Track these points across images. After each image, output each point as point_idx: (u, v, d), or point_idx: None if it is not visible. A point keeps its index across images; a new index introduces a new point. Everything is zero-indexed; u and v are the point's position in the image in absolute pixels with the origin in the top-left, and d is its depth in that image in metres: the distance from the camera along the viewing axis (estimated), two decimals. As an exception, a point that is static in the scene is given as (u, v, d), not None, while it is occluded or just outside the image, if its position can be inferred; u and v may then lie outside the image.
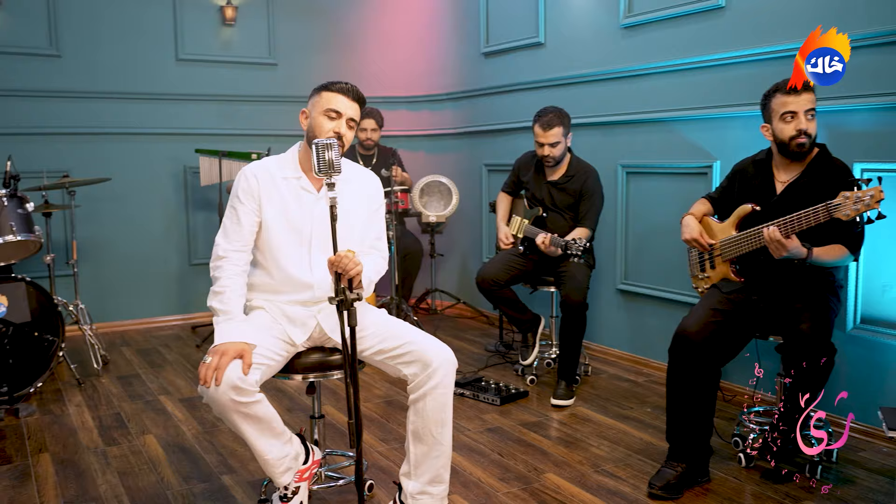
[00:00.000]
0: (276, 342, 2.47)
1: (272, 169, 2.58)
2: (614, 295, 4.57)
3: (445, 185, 5.41)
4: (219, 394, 2.22)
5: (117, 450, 3.31)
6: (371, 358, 2.56)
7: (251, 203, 2.53)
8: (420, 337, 2.52)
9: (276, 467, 2.42)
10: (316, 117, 2.54)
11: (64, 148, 5.30)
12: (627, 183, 4.42)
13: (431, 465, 2.49)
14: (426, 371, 2.43)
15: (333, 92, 2.53)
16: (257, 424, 2.33)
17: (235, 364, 2.26)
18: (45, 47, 5.24)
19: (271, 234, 2.55)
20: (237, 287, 2.48)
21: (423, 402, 2.45)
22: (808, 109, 2.78)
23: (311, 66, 6.04)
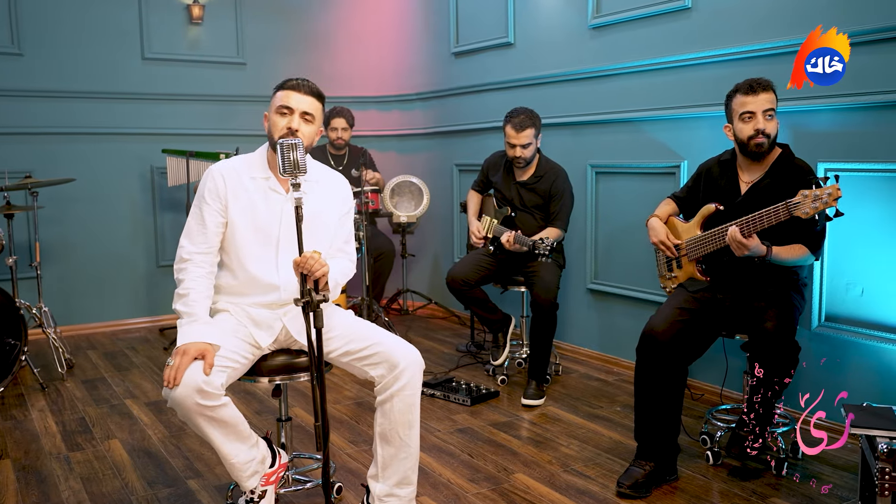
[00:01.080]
0: (241, 344, 2.44)
1: (240, 168, 2.54)
2: (584, 294, 4.58)
3: (416, 185, 5.40)
4: (183, 397, 2.18)
5: (81, 455, 3.25)
6: (338, 360, 2.53)
7: (216, 203, 2.49)
8: (387, 338, 2.50)
9: (243, 471, 2.38)
10: (271, 117, 2.52)
11: (27, 148, 5.20)
12: (597, 183, 4.44)
13: (399, 467, 2.48)
14: (393, 372, 2.41)
15: (285, 90, 2.51)
16: (223, 428, 2.29)
17: (197, 366, 2.23)
18: (7, 45, 5.14)
19: (237, 234, 2.51)
20: (202, 289, 2.44)
21: (390, 403, 2.43)
22: (767, 109, 2.81)
23: (280, 66, 5.98)
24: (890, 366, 3.08)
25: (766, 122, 2.81)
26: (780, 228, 2.72)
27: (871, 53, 3.05)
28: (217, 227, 2.50)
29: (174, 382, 2.19)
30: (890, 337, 3.07)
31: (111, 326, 5.50)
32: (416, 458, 2.51)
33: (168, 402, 2.22)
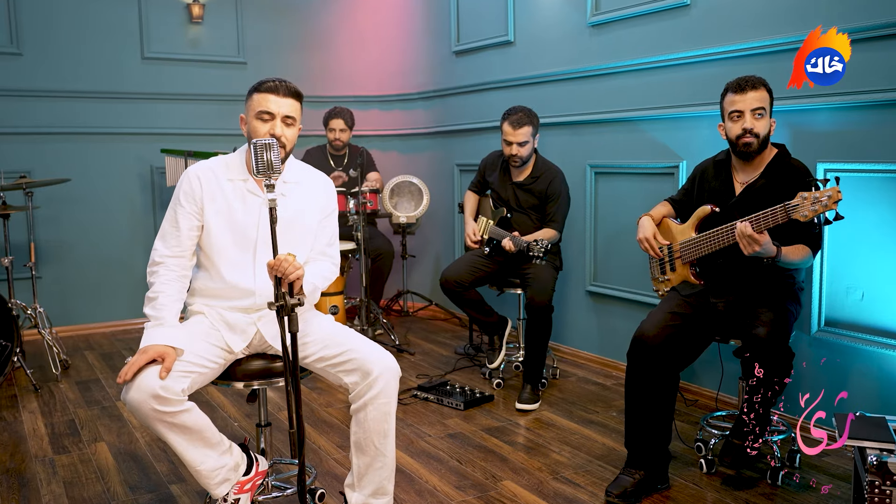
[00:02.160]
0: (211, 349, 2.38)
1: (217, 170, 2.48)
2: (583, 297, 4.51)
3: (416, 185, 5.34)
4: (138, 402, 2.13)
5: (66, 458, 3.21)
6: (313, 365, 2.48)
7: (191, 206, 2.43)
8: (363, 345, 2.44)
9: (211, 478, 2.33)
10: (251, 122, 2.43)
11: (26, 148, 5.20)
12: (596, 183, 4.36)
13: (374, 477, 2.42)
14: (367, 380, 2.36)
15: (262, 92, 2.40)
16: (186, 434, 2.24)
17: (154, 371, 2.18)
18: (6, 45, 5.14)
19: (213, 237, 2.45)
20: (172, 293, 2.39)
21: (364, 412, 2.38)
22: (756, 108, 2.73)
23: (281, 66, 5.95)
24: (890, 373, 2.98)
25: (755, 122, 2.72)
26: (777, 230, 2.63)
27: (872, 51, 2.95)
28: (190, 231, 2.44)
29: (124, 377, 2.15)
30: (891, 343, 2.98)
31: (110, 327, 5.49)
32: (391, 468, 2.45)
33: (127, 406, 2.18)
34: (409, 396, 3.92)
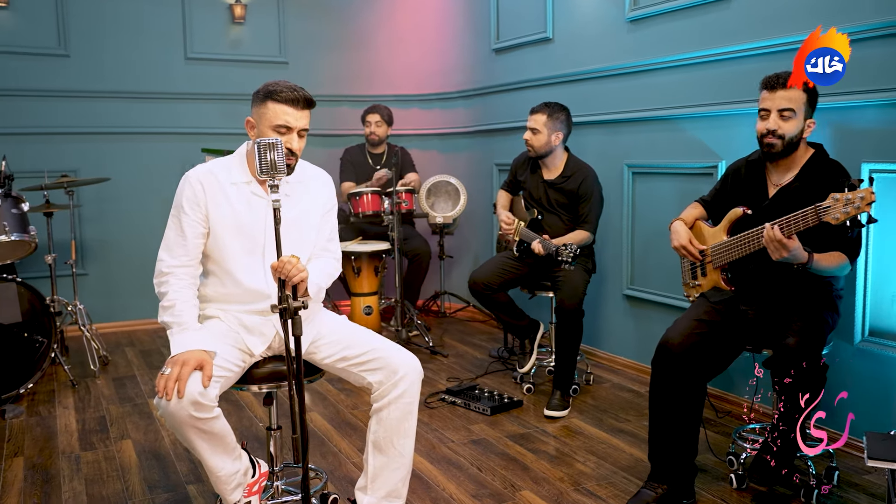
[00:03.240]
0: (233, 352, 2.36)
1: (219, 174, 2.41)
2: (620, 301, 4.37)
3: (453, 185, 5.27)
4: (178, 408, 2.11)
5: (91, 455, 3.25)
6: (333, 366, 2.45)
7: (196, 213, 2.37)
8: (386, 344, 2.43)
9: (228, 484, 2.31)
10: (264, 132, 2.33)
11: (72, 148, 5.30)
12: (633, 183, 4.22)
13: (389, 479, 2.39)
14: (392, 379, 2.33)
15: (280, 103, 2.30)
16: (212, 440, 2.22)
17: (196, 377, 2.16)
18: (54, 47, 5.25)
19: (221, 242, 2.40)
20: (187, 299, 2.35)
21: (386, 410, 2.35)
22: (784, 109, 2.58)
23: (322, 65, 5.97)
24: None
25: (781, 122, 2.58)
26: (811, 234, 2.48)
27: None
28: (197, 238, 2.39)
29: (178, 394, 2.10)
30: (940, 355, 2.79)
31: (152, 324, 5.55)
32: (408, 470, 2.42)
33: (160, 411, 2.16)
34: (437, 400, 3.85)
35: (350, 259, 4.77)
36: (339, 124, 5.97)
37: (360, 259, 4.76)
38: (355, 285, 4.82)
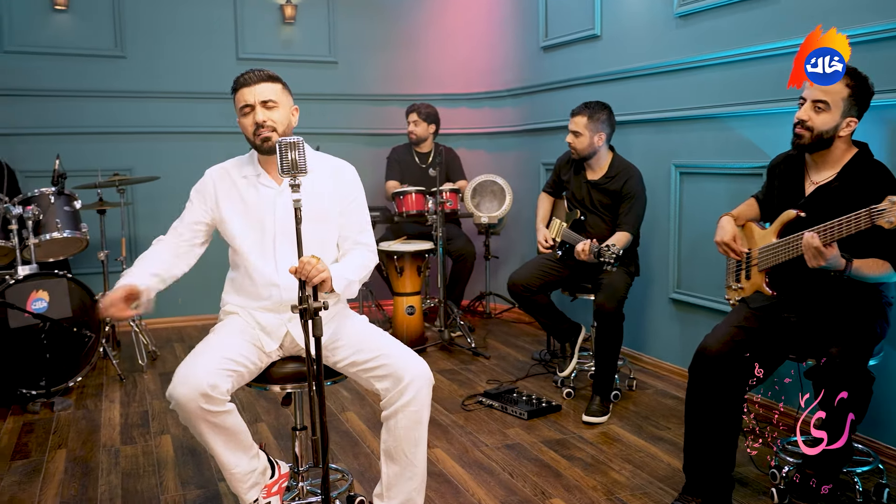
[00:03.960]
0: (250, 348, 2.37)
1: (231, 169, 2.52)
2: (666, 304, 4.25)
3: (499, 184, 5.21)
4: (186, 400, 2.13)
5: (131, 449, 3.31)
6: (346, 370, 2.43)
7: (200, 202, 2.50)
8: (396, 350, 2.37)
9: (243, 482, 2.32)
10: (239, 120, 2.47)
11: (126, 147, 5.42)
12: (681, 184, 4.09)
13: (404, 488, 2.35)
14: (398, 386, 2.29)
15: (238, 90, 2.42)
16: (225, 436, 2.23)
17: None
18: (111, 48, 5.38)
19: (235, 234, 2.47)
20: (152, 256, 2.45)
21: (395, 419, 2.30)
22: (818, 100, 2.46)
23: (370, 64, 5.98)
24: None
25: (812, 114, 2.47)
26: (856, 238, 2.35)
27: None
28: (193, 223, 2.50)
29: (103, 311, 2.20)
30: None
31: (201, 320, 5.65)
32: (422, 479, 2.37)
33: (171, 404, 2.18)
34: (474, 402, 3.81)
35: (393, 258, 4.76)
36: (387, 123, 5.97)
37: (402, 259, 4.74)
38: (398, 285, 4.80)
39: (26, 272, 3.92)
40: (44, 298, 3.93)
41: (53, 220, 4.15)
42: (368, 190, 5.84)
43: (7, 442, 3.40)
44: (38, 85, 5.17)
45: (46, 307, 3.92)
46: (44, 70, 5.19)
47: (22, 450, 3.31)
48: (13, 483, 2.96)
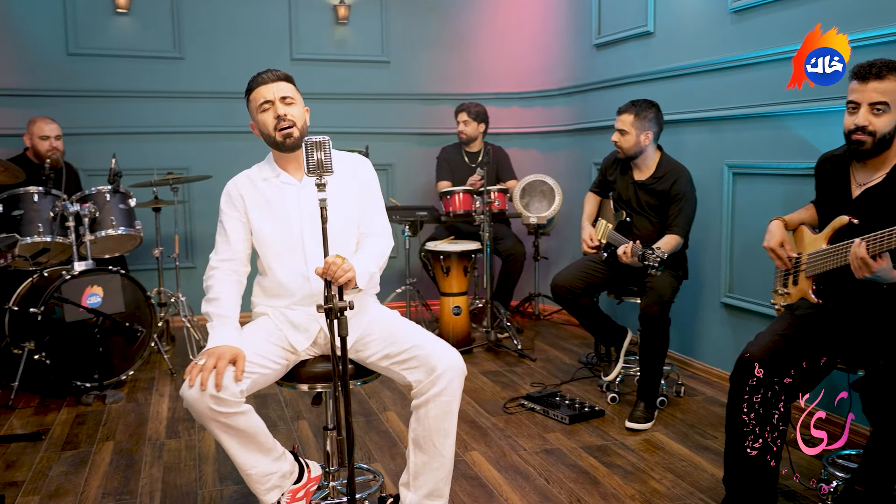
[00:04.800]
0: (274, 349, 2.38)
1: (252, 175, 2.56)
2: (718, 309, 4.12)
3: (548, 184, 5.13)
4: (195, 400, 2.15)
5: (174, 443, 3.37)
6: (377, 364, 2.43)
7: (233, 211, 2.51)
8: (428, 341, 2.37)
9: (261, 483, 2.32)
10: (257, 118, 2.49)
11: (183, 146, 5.54)
12: (734, 185, 3.96)
13: (431, 478, 2.35)
14: (430, 377, 2.29)
15: (255, 88, 2.47)
16: (238, 437, 2.24)
17: (227, 372, 2.19)
18: (169, 50, 5.51)
19: (263, 234, 2.49)
20: (231, 294, 2.45)
21: (425, 408, 2.31)
22: (876, 102, 2.32)
23: (423, 64, 5.97)
24: None
25: (871, 117, 2.32)
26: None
27: None
28: (238, 234, 2.49)
29: (216, 387, 2.13)
30: None
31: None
32: (449, 470, 2.37)
33: (184, 403, 2.20)
34: (516, 405, 3.76)
35: (439, 258, 4.74)
36: (438, 123, 5.96)
37: (449, 258, 4.72)
38: (444, 285, 4.78)
39: (82, 268, 4.03)
40: (98, 294, 4.04)
41: (109, 218, 4.27)
42: (418, 189, 5.95)
43: (59, 433, 3.50)
44: (100, 86, 5.32)
45: (100, 302, 4.03)
46: (105, 72, 5.35)
47: (72, 441, 3.41)
48: (61, 473, 3.05)
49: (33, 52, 5.19)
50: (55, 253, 4.28)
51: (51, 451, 3.28)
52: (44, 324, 3.86)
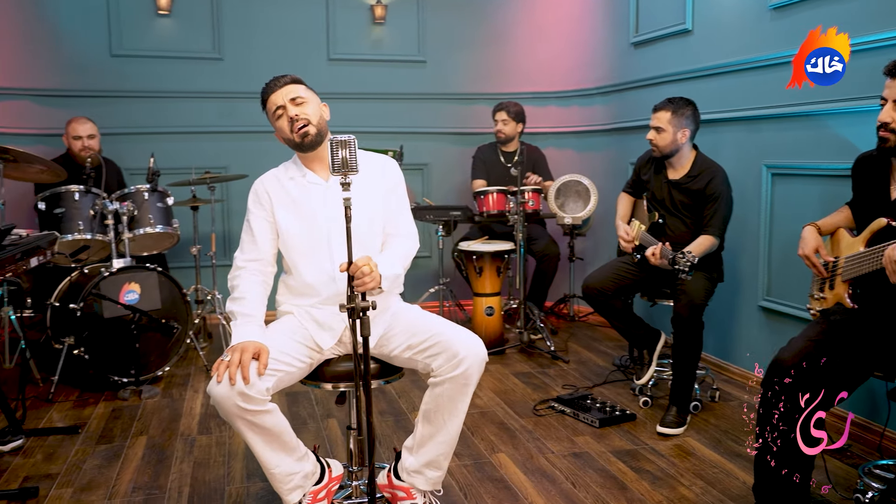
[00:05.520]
0: (298, 347, 2.39)
1: (279, 174, 2.57)
2: (755, 312, 4.03)
3: (584, 184, 5.07)
4: (223, 398, 2.17)
5: (205, 439, 3.41)
6: (401, 356, 2.45)
7: (260, 210, 2.52)
8: (450, 329, 2.39)
9: (284, 483, 2.34)
10: (274, 125, 2.53)
11: (222, 145, 5.60)
12: (772, 185, 3.87)
13: (433, 449, 2.42)
14: (451, 361, 2.31)
15: (268, 97, 2.52)
16: (265, 435, 2.26)
17: (249, 368, 2.21)
18: (209, 51, 5.58)
19: (290, 234, 2.50)
20: (257, 294, 2.46)
21: (441, 387, 2.34)
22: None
23: (458, 63, 5.96)
24: None
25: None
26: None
27: None
28: (265, 234, 2.50)
29: (244, 381, 2.16)
30: None
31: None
32: (451, 446, 2.44)
33: (211, 400, 2.22)
34: (546, 408, 3.73)
35: (472, 258, 4.72)
36: (474, 122, 5.94)
37: (482, 259, 4.70)
38: (477, 285, 4.77)
39: (120, 265, 4.11)
40: (135, 290, 4.11)
41: (147, 216, 4.34)
42: (454, 188, 5.94)
43: (96, 426, 3.57)
44: (141, 87, 5.42)
45: (138, 299, 4.10)
46: (147, 72, 5.44)
47: (107, 434, 3.47)
48: (94, 466, 3.11)
49: (77, 53, 5.30)
50: (95, 250, 4.37)
51: (86, 445, 3.34)
52: (83, 319, 3.94)
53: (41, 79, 5.24)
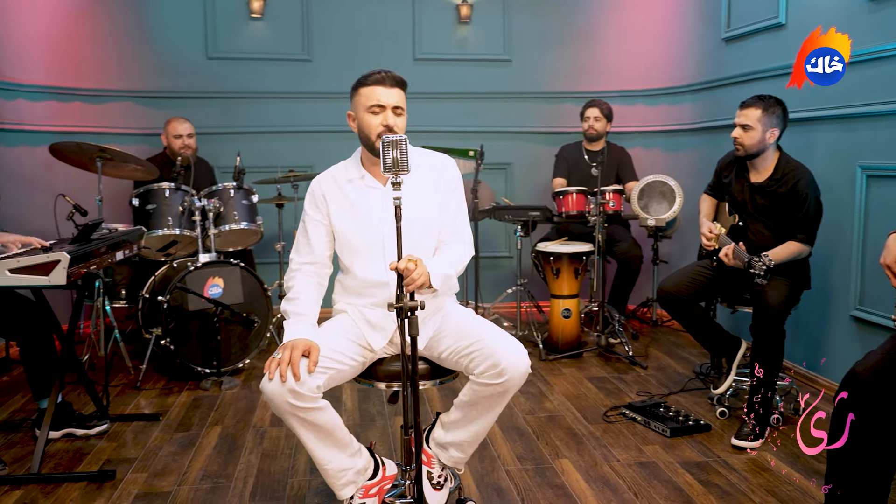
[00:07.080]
0: (351, 346, 2.42)
1: (337, 175, 2.56)
2: (847, 322, 3.80)
3: (669, 185, 4.91)
4: (275, 395, 2.21)
5: (276, 431, 3.50)
6: (448, 359, 2.45)
7: (317, 213, 2.53)
8: (495, 336, 2.36)
9: (337, 478, 2.37)
10: (362, 117, 2.46)
11: (311, 145, 5.73)
12: (867, 188, 3.64)
13: (460, 434, 2.47)
14: (493, 371, 2.29)
15: (370, 86, 2.44)
16: (316, 432, 2.29)
17: (302, 364, 2.24)
18: (299, 53, 5.73)
19: (345, 236, 2.51)
20: (311, 295, 2.49)
21: (482, 387, 2.35)
22: None
23: (545, 62, 5.89)
24: None
25: None
26: None
27: None
28: (320, 237, 2.52)
29: (294, 377, 2.19)
30: None
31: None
32: (478, 437, 2.50)
33: (264, 396, 2.27)
34: (617, 414, 3.63)
35: (549, 259, 4.66)
36: (560, 121, 5.86)
37: (559, 260, 4.63)
38: (555, 287, 4.69)
39: (206, 260, 4.27)
40: (219, 285, 4.26)
41: (232, 213, 4.49)
42: (537, 188, 5.87)
43: (176, 415, 3.72)
44: (234, 88, 5.62)
45: (221, 293, 4.25)
46: (240, 74, 5.64)
47: (185, 423, 3.61)
48: (169, 453, 3.24)
49: (175, 56, 5.55)
50: (183, 245, 4.56)
51: (165, 432, 3.49)
52: (169, 311, 4.12)
53: (142, 81, 5.51)
